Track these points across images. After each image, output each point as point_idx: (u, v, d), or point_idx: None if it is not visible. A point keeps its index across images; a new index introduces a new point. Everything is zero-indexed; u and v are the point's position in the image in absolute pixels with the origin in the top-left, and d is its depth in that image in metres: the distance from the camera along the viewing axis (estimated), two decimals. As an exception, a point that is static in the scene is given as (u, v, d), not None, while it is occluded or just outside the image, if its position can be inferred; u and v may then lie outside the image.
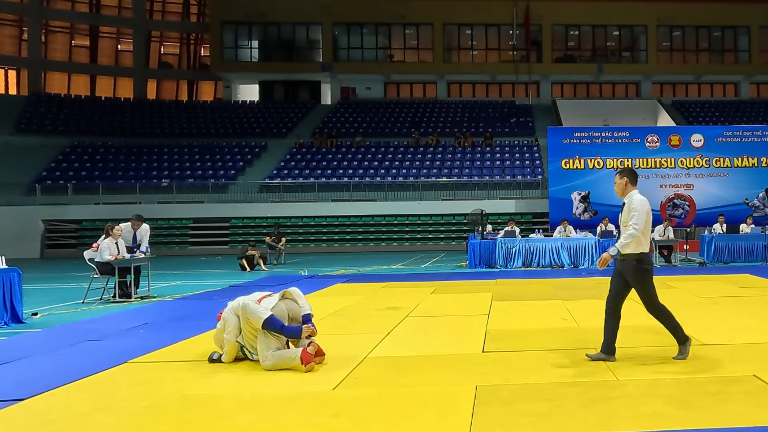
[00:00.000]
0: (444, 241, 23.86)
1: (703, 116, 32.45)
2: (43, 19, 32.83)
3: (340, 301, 9.06)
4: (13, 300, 7.83)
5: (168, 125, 31.26)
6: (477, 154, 28.69)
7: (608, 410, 3.75)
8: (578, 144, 20.70)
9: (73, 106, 31.67)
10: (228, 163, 27.42)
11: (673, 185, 20.70)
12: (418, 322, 7.19)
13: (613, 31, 35.65)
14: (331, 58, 34.29)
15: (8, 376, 4.89)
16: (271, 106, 34.00)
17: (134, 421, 3.73)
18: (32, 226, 23.09)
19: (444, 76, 35.35)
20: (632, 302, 8.49)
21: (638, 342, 5.84)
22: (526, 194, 24.89)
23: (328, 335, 6.32)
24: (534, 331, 6.46)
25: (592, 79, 35.60)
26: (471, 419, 3.63)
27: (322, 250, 23.39)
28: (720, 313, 7.49)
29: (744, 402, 3.88)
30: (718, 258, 15.34)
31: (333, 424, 3.61)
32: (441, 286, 10.94)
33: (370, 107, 33.81)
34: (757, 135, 21.05)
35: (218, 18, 33.96)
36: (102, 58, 34.62)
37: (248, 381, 4.64)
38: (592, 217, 19.97)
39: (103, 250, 9.84)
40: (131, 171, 26.50)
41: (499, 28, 34.86)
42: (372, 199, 24.72)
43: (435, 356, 5.38)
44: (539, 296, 9.26)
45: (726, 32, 35.20)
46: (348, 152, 28.70)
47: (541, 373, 4.71)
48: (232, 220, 24.18)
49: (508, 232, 15.59)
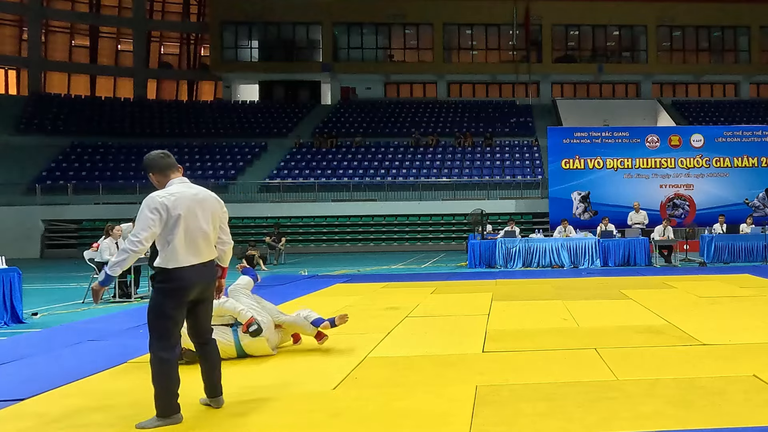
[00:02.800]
0: (444, 241, 23.85)
1: (703, 116, 32.44)
2: (43, 19, 32.82)
3: (340, 301, 9.06)
4: (13, 300, 7.83)
5: (168, 125, 31.25)
6: (477, 154, 28.69)
7: (608, 410, 3.75)
8: (578, 144, 20.69)
9: (73, 106, 31.66)
10: (228, 163, 27.41)
11: (673, 185, 20.69)
12: (418, 322, 7.19)
13: (613, 31, 35.66)
14: (331, 58, 34.29)
15: (8, 376, 4.89)
16: (271, 106, 34.00)
17: (134, 421, 3.72)
18: (32, 226, 23.09)
19: (444, 76, 35.35)
20: (632, 302, 8.52)
21: (638, 342, 5.83)
22: (526, 194, 24.88)
23: (329, 335, 6.32)
24: (534, 331, 6.46)
25: (592, 79, 35.59)
26: (471, 419, 3.63)
27: (322, 250, 23.39)
28: (720, 313, 7.48)
29: (744, 402, 3.88)
30: (718, 258, 15.33)
31: (333, 424, 3.62)
32: (441, 286, 10.94)
33: (370, 107, 33.81)
34: (757, 135, 21.04)
35: (218, 18, 33.96)
36: (102, 58, 34.61)
37: (248, 381, 4.64)
38: (592, 217, 19.96)
39: (103, 250, 9.86)
40: (131, 171, 26.48)
41: (499, 28, 34.86)
42: (372, 199, 24.71)
43: (435, 356, 5.38)
44: (539, 296, 9.25)
45: (726, 32, 35.19)
46: (348, 152, 28.70)
47: (541, 373, 4.71)
48: (232, 220, 23.99)
49: (508, 232, 15.59)
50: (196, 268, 3.70)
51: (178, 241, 3.64)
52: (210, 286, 3.86)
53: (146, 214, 3.59)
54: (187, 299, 3.71)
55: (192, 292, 3.71)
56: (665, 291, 9.72)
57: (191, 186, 3.84)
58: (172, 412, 3.66)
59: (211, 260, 3.85)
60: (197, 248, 3.72)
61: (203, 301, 3.85)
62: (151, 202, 3.62)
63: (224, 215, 3.95)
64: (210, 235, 3.80)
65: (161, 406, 3.64)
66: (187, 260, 3.67)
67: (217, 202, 3.89)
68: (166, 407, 3.64)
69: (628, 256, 15.03)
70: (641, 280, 11.41)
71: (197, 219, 3.72)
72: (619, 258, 14.98)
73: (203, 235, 3.75)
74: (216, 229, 3.86)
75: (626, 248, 15.09)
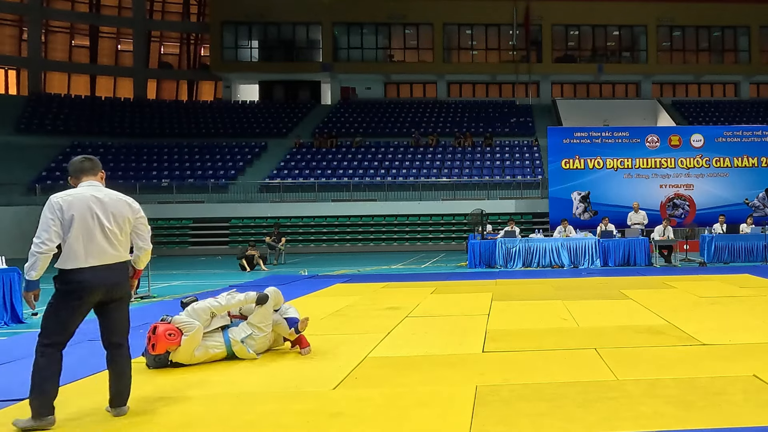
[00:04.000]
0: (444, 241, 23.85)
1: (703, 116, 32.45)
2: (43, 19, 32.82)
3: (340, 301, 9.06)
4: (13, 300, 7.84)
5: (168, 125, 31.26)
6: (477, 154, 28.68)
7: (608, 410, 3.75)
8: (578, 144, 20.69)
9: (73, 106, 31.66)
10: (228, 163, 27.41)
11: (673, 185, 20.68)
12: (418, 322, 7.19)
13: (613, 31, 35.66)
14: (331, 58, 34.29)
15: (8, 376, 4.90)
16: (271, 106, 34.01)
17: (134, 421, 3.73)
18: (32, 226, 22.44)
19: (444, 76, 35.35)
20: (632, 302, 8.52)
21: (638, 342, 5.83)
22: (526, 194, 24.88)
23: (329, 335, 6.33)
24: (534, 331, 6.46)
25: (592, 79, 35.60)
26: (471, 419, 3.63)
27: (322, 250, 23.39)
28: (720, 313, 7.48)
29: (744, 402, 3.88)
30: (718, 258, 15.33)
31: (333, 424, 3.62)
32: (441, 286, 10.94)
33: (370, 107, 33.81)
34: (757, 135, 21.04)
35: (218, 18, 33.96)
36: (102, 58, 34.62)
37: (248, 381, 4.64)
38: (592, 217, 19.96)
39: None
40: (131, 171, 26.50)
41: (499, 28, 34.87)
42: (372, 199, 24.72)
43: (435, 356, 5.38)
44: (539, 296, 9.25)
45: (726, 32, 35.20)
46: (348, 152, 28.70)
47: (541, 373, 4.71)
48: (232, 220, 24.18)
49: (508, 232, 15.59)
50: (97, 270, 3.66)
51: (75, 242, 3.64)
52: (118, 288, 3.80)
53: (45, 215, 3.63)
54: (85, 302, 3.67)
55: (92, 295, 3.67)
56: (665, 291, 9.72)
57: (98, 189, 3.82)
58: (45, 414, 3.59)
59: (120, 262, 3.80)
60: (99, 250, 3.69)
61: (113, 303, 3.79)
62: (49, 203, 3.67)
63: (138, 219, 3.91)
64: (113, 238, 3.74)
65: (34, 406, 3.58)
66: (87, 261, 3.65)
67: (126, 205, 3.87)
68: (37, 407, 3.58)
69: (628, 256, 15.03)
70: (641, 280, 11.41)
71: (96, 220, 3.70)
72: (619, 258, 14.98)
73: (105, 237, 3.71)
74: (125, 232, 3.82)
75: (626, 248, 15.09)
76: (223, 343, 5.28)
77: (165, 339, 4.95)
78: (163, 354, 5.02)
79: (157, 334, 4.94)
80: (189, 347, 5.08)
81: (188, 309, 5.24)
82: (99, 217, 3.72)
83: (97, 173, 3.92)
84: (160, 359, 5.05)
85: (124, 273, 3.86)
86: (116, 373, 3.84)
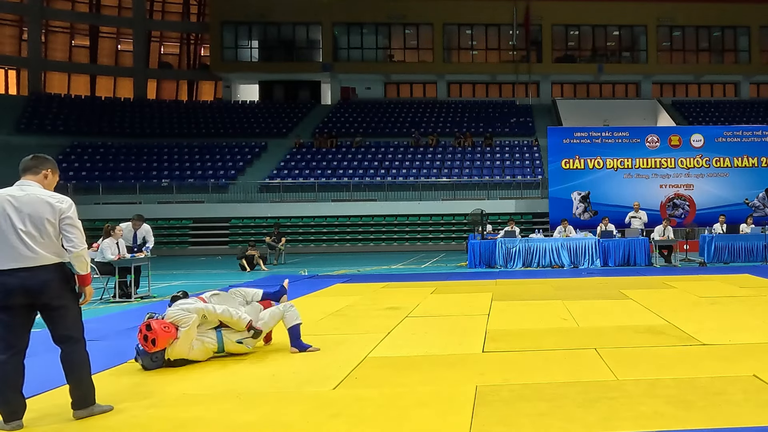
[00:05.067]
0: (444, 241, 23.85)
1: (703, 116, 32.45)
2: (43, 19, 32.81)
3: (340, 301, 9.06)
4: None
5: (168, 125, 31.26)
6: (477, 154, 28.69)
7: (608, 410, 3.75)
8: (578, 144, 20.69)
9: (73, 106, 31.66)
10: (228, 163, 27.41)
11: (673, 185, 20.69)
12: (418, 322, 7.19)
13: (613, 31, 35.66)
14: (331, 58, 34.30)
15: None
16: (271, 106, 34.01)
17: (134, 421, 3.73)
18: None
19: (444, 76, 35.36)
20: (632, 302, 8.52)
21: (638, 342, 5.83)
22: (526, 194, 24.88)
23: (329, 335, 6.33)
24: (534, 331, 6.46)
25: (592, 79, 35.60)
26: (471, 419, 3.63)
27: (322, 250, 23.39)
28: (720, 313, 7.48)
29: (744, 402, 3.88)
30: (718, 258, 15.33)
31: (333, 424, 3.62)
32: (441, 286, 10.94)
33: (370, 107, 33.81)
34: (757, 135, 21.04)
35: (218, 18, 33.97)
36: (102, 58, 34.62)
37: (248, 381, 4.64)
38: (592, 217, 19.96)
39: (104, 249, 9.86)
40: (131, 171, 26.50)
41: (499, 28, 34.87)
42: (372, 199, 24.72)
43: (435, 356, 5.38)
44: (539, 296, 9.25)
45: (726, 32, 35.20)
46: (348, 152, 28.70)
47: (541, 373, 4.71)
48: (232, 220, 24.19)
49: (508, 232, 15.59)
50: (16, 273, 3.54)
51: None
52: (48, 292, 3.61)
53: None
54: (9, 306, 3.54)
55: (13, 298, 3.53)
56: (665, 291, 9.72)
57: (23, 188, 3.71)
58: (11, 418, 3.53)
59: (44, 266, 3.61)
60: (15, 252, 3.55)
61: (54, 312, 3.65)
62: None
63: (64, 221, 3.70)
64: (29, 240, 3.58)
65: None
66: (3, 264, 3.54)
67: (47, 205, 3.68)
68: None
69: (628, 256, 15.03)
70: (641, 280, 11.40)
71: (8, 221, 3.58)
72: (619, 258, 14.98)
73: (19, 239, 3.56)
74: (47, 233, 3.63)
75: (626, 248, 15.09)
76: (216, 341, 5.31)
77: (163, 333, 4.93)
78: (161, 351, 5.00)
79: (154, 329, 4.90)
80: (186, 340, 5.07)
81: (180, 306, 5.21)
82: (11, 218, 3.58)
83: (39, 172, 3.82)
84: (157, 358, 5.02)
85: (54, 277, 3.64)
86: (66, 372, 3.73)
